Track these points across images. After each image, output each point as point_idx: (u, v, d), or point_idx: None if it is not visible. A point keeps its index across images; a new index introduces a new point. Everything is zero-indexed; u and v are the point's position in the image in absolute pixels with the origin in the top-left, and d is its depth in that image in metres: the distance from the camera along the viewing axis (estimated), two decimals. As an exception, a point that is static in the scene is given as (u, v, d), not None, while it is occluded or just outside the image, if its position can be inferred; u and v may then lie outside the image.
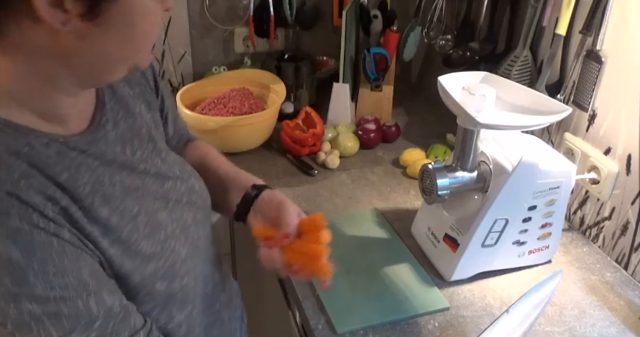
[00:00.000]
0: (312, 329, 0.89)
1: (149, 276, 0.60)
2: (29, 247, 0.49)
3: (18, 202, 0.49)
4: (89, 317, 0.53)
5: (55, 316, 0.51)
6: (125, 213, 0.60)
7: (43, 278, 0.50)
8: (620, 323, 0.91)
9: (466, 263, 0.97)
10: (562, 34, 1.06)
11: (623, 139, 1.00)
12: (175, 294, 0.65)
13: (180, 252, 0.65)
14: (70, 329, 0.52)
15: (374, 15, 1.62)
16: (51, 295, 0.50)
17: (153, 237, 0.62)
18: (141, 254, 0.60)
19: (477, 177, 0.95)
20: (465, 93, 0.89)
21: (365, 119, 1.45)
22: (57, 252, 0.51)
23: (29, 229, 0.49)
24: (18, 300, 0.49)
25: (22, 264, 0.48)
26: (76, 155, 0.58)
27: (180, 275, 0.65)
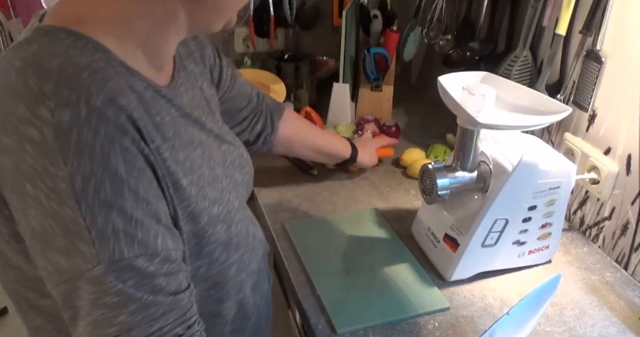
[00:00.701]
0: (312, 329, 0.89)
1: (214, 218, 0.67)
2: (131, 166, 0.54)
3: (132, 126, 0.55)
4: (154, 250, 0.56)
5: (131, 237, 0.54)
6: (195, 161, 0.67)
7: (133, 196, 0.54)
8: (620, 323, 0.91)
9: (466, 263, 0.97)
10: (562, 34, 1.06)
11: (623, 139, 1.00)
12: (232, 238, 0.72)
13: (234, 203, 0.73)
14: (137, 254, 0.54)
15: (374, 15, 1.62)
16: (134, 215, 0.54)
17: (214, 186, 0.69)
18: (208, 197, 0.67)
19: (477, 177, 0.95)
20: (465, 93, 0.89)
21: (365, 119, 1.45)
22: (148, 182, 0.56)
23: (135, 152, 0.55)
24: (110, 211, 0.53)
25: (124, 178, 0.53)
26: (164, 102, 0.65)
27: (236, 221, 0.72)
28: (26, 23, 1.48)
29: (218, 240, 0.69)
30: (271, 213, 1.17)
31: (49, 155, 0.51)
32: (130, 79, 0.59)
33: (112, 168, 0.52)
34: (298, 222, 1.14)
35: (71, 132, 0.50)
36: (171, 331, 0.57)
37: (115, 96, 0.54)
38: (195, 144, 0.68)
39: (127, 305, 0.54)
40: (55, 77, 0.51)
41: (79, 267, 0.52)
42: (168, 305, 0.57)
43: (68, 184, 0.51)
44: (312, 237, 1.09)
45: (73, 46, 0.55)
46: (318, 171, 1.33)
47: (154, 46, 0.63)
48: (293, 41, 1.78)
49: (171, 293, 0.57)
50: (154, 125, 0.60)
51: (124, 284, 0.53)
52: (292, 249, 1.06)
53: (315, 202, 1.21)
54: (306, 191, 1.25)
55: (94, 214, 0.52)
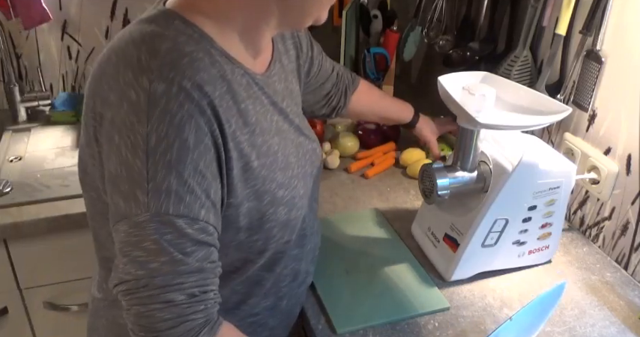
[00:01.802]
0: (312, 329, 0.89)
1: (277, 200, 0.74)
2: (199, 141, 0.62)
3: (211, 111, 0.63)
4: (196, 216, 0.63)
5: (180, 198, 0.61)
6: (272, 146, 0.74)
7: (193, 166, 0.61)
8: (620, 323, 0.91)
9: (466, 263, 0.97)
10: (562, 34, 1.06)
11: (623, 139, 1.00)
12: (290, 221, 0.78)
13: (299, 190, 0.79)
14: (181, 214, 0.61)
15: (374, 15, 1.62)
16: (189, 181, 0.61)
17: (285, 172, 0.76)
18: (275, 181, 0.73)
19: (477, 177, 0.95)
20: (465, 93, 0.89)
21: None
22: (209, 159, 0.63)
23: (206, 131, 0.62)
24: (170, 171, 0.60)
25: (190, 148, 0.61)
26: (257, 89, 0.73)
27: (297, 207, 0.78)
28: (26, 23, 1.48)
29: (278, 219, 0.75)
30: (271, 213, 1.17)
31: (138, 114, 0.60)
32: (228, 66, 0.68)
33: (183, 136, 0.60)
34: (298, 222, 1.14)
35: (161, 100, 0.60)
36: (189, 288, 0.62)
37: (203, 84, 0.62)
38: (274, 132, 0.75)
39: (160, 255, 0.61)
40: (161, 57, 0.61)
41: (131, 210, 0.61)
42: (193, 268, 0.63)
43: (145, 140, 0.60)
44: (312, 237, 1.09)
45: (183, 32, 0.65)
46: (318, 171, 1.33)
47: (251, 37, 0.71)
48: (293, 41, 1.78)
49: (199, 260, 0.63)
50: (239, 111, 0.68)
51: (162, 236, 0.61)
52: (292, 249, 1.06)
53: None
54: (306, 191, 1.25)
55: (156, 170, 0.60)
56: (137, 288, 0.61)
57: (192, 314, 0.63)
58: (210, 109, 0.63)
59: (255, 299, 0.83)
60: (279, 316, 0.88)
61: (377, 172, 1.33)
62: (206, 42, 0.66)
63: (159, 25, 0.65)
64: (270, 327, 0.88)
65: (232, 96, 0.67)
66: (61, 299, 1.32)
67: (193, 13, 0.67)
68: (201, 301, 0.64)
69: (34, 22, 1.49)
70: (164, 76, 0.60)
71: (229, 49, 0.69)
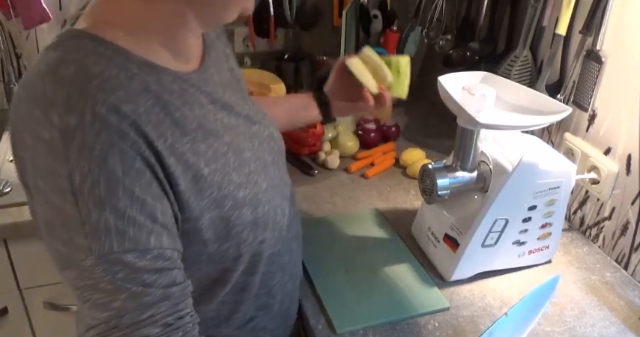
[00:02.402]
0: (312, 329, 0.89)
1: (240, 202, 0.70)
2: (128, 167, 0.58)
3: (135, 132, 0.58)
4: (145, 246, 0.59)
5: (122, 233, 0.58)
6: (219, 148, 0.69)
7: (127, 196, 0.58)
8: (620, 323, 0.91)
9: (466, 263, 0.97)
10: (562, 34, 1.06)
11: (623, 139, 1.00)
12: (259, 219, 0.74)
13: (262, 185, 0.75)
14: (128, 249, 0.58)
15: (374, 15, 1.62)
16: (127, 213, 0.58)
17: (241, 170, 0.72)
18: (233, 182, 0.70)
19: (477, 177, 0.95)
20: (465, 93, 0.89)
21: (365, 119, 1.45)
22: (146, 182, 0.59)
23: (134, 155, 0.58)
24: (103, 208, 0.57)
25: (119, 177, 0.57)
26: (193, 91, 0.68)
27: (263, 203, 0.74)
28: (26, 23, 1.48)
29: (245, 221, 0.72)
30: (271, 213, 1.17)
31: (55, 154, 0.56)
32: (152, 76, 0.63)
33: (108, 168, 0.56)
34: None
35: (75, 134, 0.56)
36: (161, 319, 0.60)
37: (120, 104, 0.58)
38: (221, 132, 0.71)
39: (119, 293, 0.58)
40: (67, 86, 0.57)
41: (74, 256, 0.57)
42: (158, 297, 0.60)
43: (69, 181, 0.56)
44: (311, 236, 1.09)
45: (92, 51, 0.60)
46: (318, 171, 1.33)
47: (173, 42, 0.67)
48: (293, 41, 1.78)
49: (162, 287, 0.61)
50: (173, 121, 0.63)
51: (114, 276, 0.58)
52: (292, 249, 1.06)
53: (315, 202, 1.21)
54: (306, 191, 1.25)
55: (88, 210, 0.56)
56: (108, 331, 0.59)
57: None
58: (134, 130, 0.58)
59: (246, 304, 0.81)
60: (276, 318, 0.87)
61: (377, 172, 1.33)
62: (120, 57, 0.61)
63: (65, 49, 0.60)
64: (270, 330, 0.87)
65: (163, 107, 0.62)
66: (61, 299, 1.32)
67: (105, 29, 0.62)
68: (178, 328, 0.61)
69: (34, 22, 1.49)
70: (73, 107, 0.56)
71: (153, 56, 0.64)
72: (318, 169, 1.33)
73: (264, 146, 0.80)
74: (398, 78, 1.00)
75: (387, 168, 1.36)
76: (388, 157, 1.38)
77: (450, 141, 0.98)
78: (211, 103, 0.71)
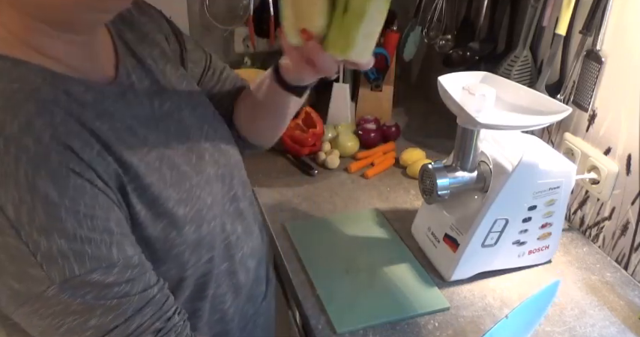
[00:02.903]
0: (312, 329, 0.89)
1: (180, 219, 0.64)
2: (64, 187, 0.52)
3: (58, 146, 0.53)
4: (109, 261, 0.55)
5: (80, 254, 0.53)
6: (151, 163, 0.63)
7: (73, 217, 0.53)
8: (620, 323, 0.91)
9: (466, 263, 0.97)
10: (562, 34, 1.06)
11: (623, 139, 1.00)
12: (203, 238, 0.68)
13: (206, 200, 0.69)
14: (91, 269, 0.54)
15: (374, 15, 1.62)
16: (78, 233, 0.53)
17: (179, 186, 0.66)
18: (171, 199, 0.64)
19: (477, 177, 0.95)
20: (465, 93, 0.89)
21: (365, 119, 1.45)
22: (89, 196, 0.54)
23: (66, 172, 0.53)
24: (50, 234, 0.52)
25: (57, 201, 0.52)
26: (109, 103, 0.61)
27: (207, 220, 0.69)
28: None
29: (186, 241, 0.66)
30: (271, 213, 1.17)
31: None
32: (60, 88, 0.57)
33: (41, 193, 0.51)
34: (298, 222, 1.14)
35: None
36: (150, 327, 0.58)
37: (32, 118, 0.52)
38: (146, 149, 0.63)
39: (94, 311, 0.55)
40: None
41: (33, 290, 0.53)
42: (137, 303, 0.57)
43: (2, 215, 0.51)
44: (312, 237, 1.09)
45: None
46: (318, 171, 1.33)
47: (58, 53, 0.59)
48: (293, 41, 1.78)
49: (139, 292, 0.58)
50: (92, 133, 0.57)
51: (83, 298, 0.54)
52: (292, 249, 1.06)
53: (315, 202, 1.21)
54: (306, 191, 1.25)
55: (34, 240, 0.52)
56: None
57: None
58: (56, 142, 0.53)
59: (200, 332, 0.74)
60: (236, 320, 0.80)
61: (377, 172, 1.33)
62: (18, 67, 0.55)
63: None
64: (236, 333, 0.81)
65: (77, 119, 0.56)
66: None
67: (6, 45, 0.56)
68: (170, 330, 0.59)
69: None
70: None
71: (55, 65, 0.58)
72: (318, 169, 1.33)
73: (205, 159, 0.72)
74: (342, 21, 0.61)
75: (387, 168, 1.36)
76: (388, 157, 1.38)
77: (450, 141, 0.98)
78: (133, 118, 0.64)
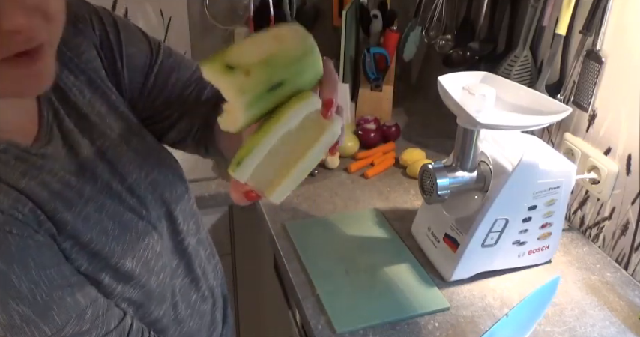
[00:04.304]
0: (312, 329, 0.89)
1: (124, 275, 0.60)
2: (6, 252, 0.49)
3: None
4: (79, 309, 0.54)
5: (45, 314, 0.51)
6: (89, 217, 0.57)
7: (26, 278, 0.50)
8: (620, 323, 0.91)
9: (466, 263, 0.96)
10: (562, 34, 1.06)
11: (623, 139, 1.00)
12: (153, 291, 0.64)
13: (155, 248, 0.64)
14: (63, 324, 0.52)
15: (374, 15, 1.62)
16: (37, 293, 0.51)
17: (123, 238, 0.60)
18: (115, 254, 0.58)
19: (476, 177, 0.95)
20: (465, 93, 0.89)
21: (365, 119, 1.45)
22: (35, 252, 0.51)
23: (3, 235, 0.49)
24: (6, 304, 0.49)
25: (4, 269, 0.49)
26: (35, 159, 0.55)
27: (156, 271, 0.64)
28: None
29: (132, 298, 0.62)
30: (271, 213, 1.17)
31: None
32: None
33: None
34: (298, 222, 1.14)
35: None
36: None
37: None
38: (84, 199, 0.57)
39: None
40: None
41: None
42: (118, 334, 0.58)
43: None
44: (312, 237, 1.09)
45: None
46: (318, 171, 1.33)
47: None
48: (293, 41, 1.78)
49: (115, 327, 0.58)
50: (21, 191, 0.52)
51: None
52: (292, 249, 1.06)
53: (315, 202, 1.21)
54: (306, 191, 1.25)
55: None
56: None
57: None
58: None
59: None
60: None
61: (377, 172, 1.33)
62: None
63: None
64: None
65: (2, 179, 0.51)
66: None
67: None
68: None
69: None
70: None
71: None
72: (318, 169, 1.33)
73: (148, 200, 0.65)
74: None
75: (387, 168, 1.36)
76: (388, 157, 1.38)
77: (450, 141, 0.98)
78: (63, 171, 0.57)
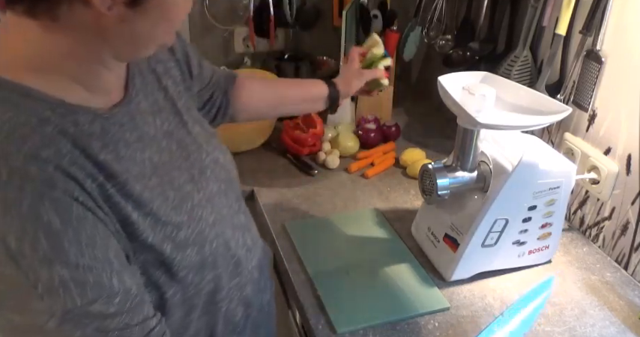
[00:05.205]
0: (312, 329, 0.89)
1: (181, 243, 0.66)
2: (67, 217, 0.53)
3: (63, 176, 0.54)
4: (110, 291, 0.56)
5: (81, 284, 0.54)
6: (155, 187, 0.65)
7: (75, 246, 0.54)
8: (620, 323, 0.91)
9: (466, 263, 0.96)
10: (562, 34, 1.06)
11: (623, 139, 1.00)
12: (206, 258, 0.70)
13: (208, 219, 0.70)
14: (93, 299, 0.55)
15: (374, 15, 1.62)
16: (80, 262, 0.54)
17: (181, 208, 0.67)
18: (171, 223, 0.65)
19: (476, 177, 0.95)
20: (465, 93, 0.89)
21: (365, 119, 1.45)
22: (90, 226, 0.55)
23: (69, 201, 0.54)
24: (52, 265, 0.52)
25: (60, 231, 0.53)
26: (116, 130, 0.63)
27: (210, 240, 0.70)
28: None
29: (190, 264, 0.67)
30: (271, 213, 1.17)
31: None
32: (68, 118, 0.58)
33: (44, 222, 0.52)
34: (298, 222, 1.14)
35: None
36: None
37: (37, 151, 0.53)
38: (150, 173, 0.65)
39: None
40: None
41: (35, 322, 0.53)
42: (137, 333, 0.59)
43: (3, 246, 0.51)
44: (312, 237, 1.09)
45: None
46: (318, 171, 1.33)
47: (88, 79, 0.62)
48: (293, 41, 1.78)
49: (139, 323, 0.59)
50: (96, 164, 0.58)
51: (84, 330, 0.54)
52: (292, 249, 1.06)
53: (315, 202, 1.21)
54: (306, 191, 1.25)
55: (35, 270, 0.52)
56: None
57: None
58: (61, 173, 0.54)
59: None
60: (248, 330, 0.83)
61: (377, 172, 1.33)
62: (28, 100, 0.56)
63: None
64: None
65: (82, 150, 0.57)
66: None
67: (11, 68, 0.57)
68: None
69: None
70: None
71: (67, 95, 0.59)
72: (318, 169, 1.33)
73: (207, 175, 0.74)
74: None
75: (387, 168, 1.36)
76: (388, 157, 1.38)
77: (450, 141, 0.98)
78: (138, 141, 0.66)
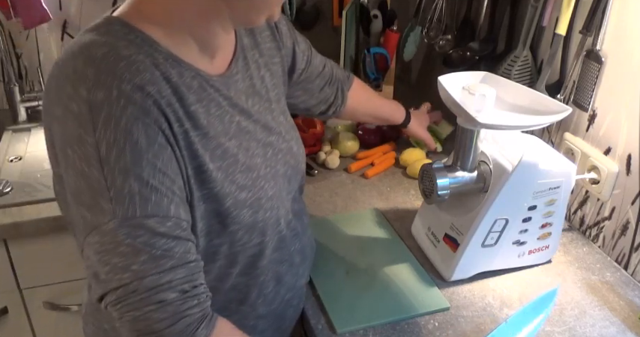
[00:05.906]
0: (312, 329, 0.89)
1: (240, 202, 0.73)
2: (152, 141, 0.62)
3: (157, 110, 0.63)
4: (167, 213, 0.63)
5: (145, 199, 0.61)
6: (230, 148, 0.73)
7: (150, 166, 0.62)
8: (620, 323, 0.91)
9: (466, 263, 0.97)
10: (562, 34, 1.06)
11: (623, 139, 1.00)
12: (257, 223, 0.76)
13: (267, 191, 0.77)
14: (150, 214, 0.61)
15: (374, 15, 1.62)
16: (150, 181, 0.61)
17: (247, 173, 0.74)
18: (236, 183, 0.72)
19: (476, 177, 0.95)
20: (465, 93, 0.89)
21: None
22: (167, 157, 0.64)
23: (157, 130, 0.63)
24: (127, 175, 0.60)
25: (143, 149, 0.61)
26: (212, 91, 0.72)
27: (264, 208, 0.77)
28: (26, 23, 1.48)
29: (242, 222, 0.74)
30: (271, 213, 1.17)
31: (84, 125, 0.60)
32: (175, 70, 0.67)
33: (133, 139, 0.61)
34: (298, 222, 1.14)
35: (102, 107, 0.60)
36: (178, 285, 0.63)
37: (144, 85, 0.62)
38: (233, 134, 0.74)
39: (139, 256, 0.61)
40: (97, 64, 0.61)
41: (99, 220, 0.61)
42: (176, 260, 0.63)
43: (95, 149, 0.60)
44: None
45: (123, 37, 0.65)
46: (318, 171, 1.33)
47: (201, 37, 0.70)
48: (293, 41, 1.77)
49: (180, 254, 0.64)
50: (186, 113, 0.67)
51: (135, 239, 0.61)
52: (292, 249, 1.06)
53: (315, 202, 1.21)
54: (306, 191, 1.24)
55: (114, 176, 0.60)
56: (126, 295, 0.61)
57: (187, 310, 0.63)
58: (157, 108, 0.63)
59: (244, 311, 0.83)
60: (268, 318, 0.87)
61: (377, 172, 1.33)
62: (149, 46, 0.66)
63: (99, 33, 0.65)
64: (259, 330, 0.86)
65: (179, 98, 0.66)
66: (61, 299, 1.32)
67: (139, 19, 0.67)
68: (194, 296, 0.64)
69: (34, 21, 1.49)
70: (101, 83, 0.60)
71: (178, 51, 0.68)
72: (318, 169, 1.33)
73: (278, 157, 0.81)
74: None
75: (387, 168, 1.36)
76: (388, 157, 1.38)
77: (450, 141, 0.97)
78: (230, 106, 0.74)
